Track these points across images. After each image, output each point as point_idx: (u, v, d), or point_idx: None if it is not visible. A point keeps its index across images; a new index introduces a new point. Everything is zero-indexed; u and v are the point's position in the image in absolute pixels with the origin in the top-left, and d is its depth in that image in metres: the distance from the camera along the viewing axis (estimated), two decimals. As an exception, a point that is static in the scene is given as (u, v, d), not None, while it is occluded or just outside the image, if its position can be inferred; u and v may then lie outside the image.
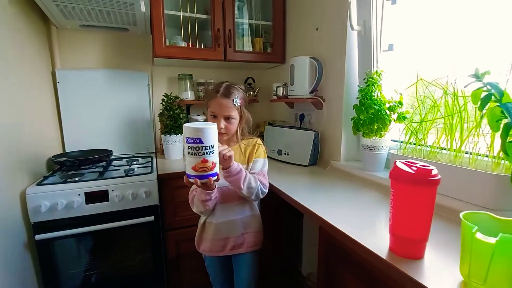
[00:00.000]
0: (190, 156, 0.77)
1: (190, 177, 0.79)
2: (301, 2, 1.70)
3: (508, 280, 0.45)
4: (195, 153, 0.76)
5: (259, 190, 1.00)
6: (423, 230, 0.61)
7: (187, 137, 0.76)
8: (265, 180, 1.05)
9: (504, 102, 0.69)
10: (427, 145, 1.01)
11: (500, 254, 0.45)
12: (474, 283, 0.49)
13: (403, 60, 1.26)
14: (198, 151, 0.76)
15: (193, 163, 0.77)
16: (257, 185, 0.99)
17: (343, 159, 1.43)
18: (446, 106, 0.93)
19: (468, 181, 0.82)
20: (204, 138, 0.75)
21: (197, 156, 0.76)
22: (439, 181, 0.58)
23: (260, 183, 1.01)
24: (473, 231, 0.47)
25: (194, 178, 0.79)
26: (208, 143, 0.76)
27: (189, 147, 0.76)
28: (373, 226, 0.82)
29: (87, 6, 1.36)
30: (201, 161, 0.76)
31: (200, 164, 0.76)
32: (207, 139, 0.76)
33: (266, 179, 1.06)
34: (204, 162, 0.76)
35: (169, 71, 1.92)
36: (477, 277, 0.48)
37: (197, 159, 0.76)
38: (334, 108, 1.46)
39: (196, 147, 0.75)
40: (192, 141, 0.75)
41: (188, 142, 0.76)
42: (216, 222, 1.06)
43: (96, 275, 1.31)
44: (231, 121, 1.03)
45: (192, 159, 0.77)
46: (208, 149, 0.76)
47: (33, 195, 1.14)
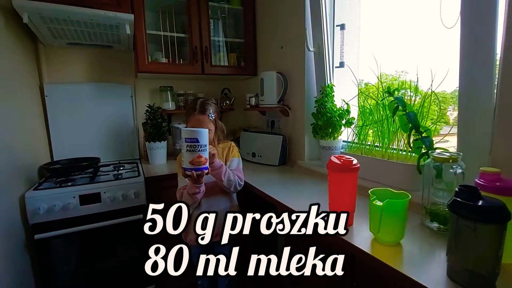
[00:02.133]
0: (188, 153, 0.97)
1: (187, 170, 1.00)
2: (268, 23, 1.95)
3: (390, 229, 0.71)
4: (192, 150, 0.97)
5: (236, 182, 1.23)
6: (350, 204, 0.86)
7: (186, 137, 0.96)
8: (241, 175, 1.29)
9: (408, 111, 0.97)
10: (366, 144, 1.28)
11: (385, 212, 0.69)
12: (374, 234, 0.73)
13: (351, 75, 1.54)
14: (195, 148, 0.96)
15: (190, 158, 0.97)
16: (235, 179, 1.22)
17: (307, 158, 1.68)
18: (378, 114, 1.21)
19: (392, 170, 1.09)
20: (200, 138, 0.97)
21: (194, 152, 0.97)
22: (359, 168, 0.83)
23: (238, 177, 1.24)
24: (371, 199, 0.72)
25: (191, 170, 0.99)
26: (203, 142, 0.98)
27: (187, 145, 0.96)
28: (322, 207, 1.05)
29: (76, 29, 1.52)
30: (197, 156, 0.97)
31: (196, 159, 0.97)
32: (202, 139, 0.97)
33: (242, 174, 1.30)
34: (199, 157, 0.98)
35: (151, 83, 2.09)
36: (375, 229, 0.72)
37: (194, 155, 0.97)
38: (298, 115, 1.71)
39: (194, 145, 0.96)
40: (190, 140, 0.96)
41: (187, 142, 0.96)
42: (201, 213, 1.25)
43: (90, 271, 1.44)
44: (210, 131, 1.23)
45: (190, 155, 0.97)
46: (203, 147, 0.98)
47: (32, 199, 1.27)
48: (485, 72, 0.87)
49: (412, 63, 1.12)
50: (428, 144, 0.92)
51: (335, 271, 0.84)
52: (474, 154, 0.90)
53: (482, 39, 0.86)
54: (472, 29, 0.88)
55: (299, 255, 1.00)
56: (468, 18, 0.89)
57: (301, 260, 0.99)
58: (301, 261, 0.99)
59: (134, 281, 1.54)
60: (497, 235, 0.53)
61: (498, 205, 0.53)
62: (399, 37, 1.29)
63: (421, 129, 0.94)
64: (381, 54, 1.29)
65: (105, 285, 1.48)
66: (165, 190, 1.59)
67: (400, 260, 0.69)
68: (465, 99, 0.92)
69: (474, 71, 0.89)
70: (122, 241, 1.50)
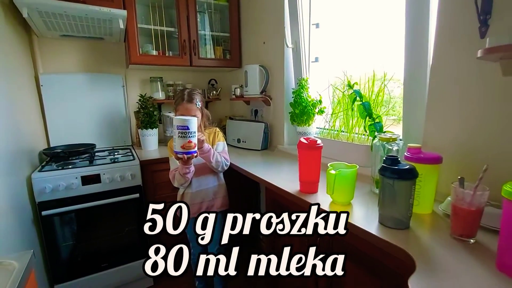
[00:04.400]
0: (179, 139, 1.13)
1: (179, 153, 1.16)
2: (252, 19, 2.11)
3: (341, 191, 0.93)
4: (183, 136, 1.12)
5: (223, 163, 1.43)
6: (316, 175, 1.07)
7: (178, 125, 1.11)
8: (227, 156, 1.49)
9: (364, 102, 1.18)
10: (335, 130, 1.49)
11: (338, 179, 0.91)
12: (330, 195, 0.95)
13: (326, 69, 1.74)
14: (186, 134, 1.12)
15: (182, 143, 1.13)
16: (222, 160, 1.41)
17: (286, 143, 1.89)
18: (344, 103, 1.42)
19: (354, 150, 1.31)
20: (190, 125, 1.12)
21: (185, 138, 1.12)
22: (322, 147, 1.04)
23: (224, 158, 1.43)
24: (328, 170, 0.93)
25: (182, 154, 1.15)
26: (193, 129, 1.13)
27: (179, 132, 1.12)
28: (295, 181, 1.26)
29: (71, 22, 1.62)
30: (187, 141, 1.13)
31: (187, 144, 1.13)
32: (192, 126, 1.13)
33: (227, 156, 1.50)
34: (189, 142, 1.14)
35: (141, 74, 2.21)
36: (330, 191, 0.94)
37: (185, 140, 1.13)
38: (278, 105, 1.91)
39: (184, 132, 1.12)
40: (181, 127, 1.11)
41: (179, 129, 1.12)
42: (191, 192, 1.45)
43: (91, 245, 1.60)
44: (197, 118, 1.40)
45: (181, 140, 1.13)
46: (193, 133, 1.14)
47: (38, 179, 1.41)
48: (420, 74, 1.09)
49: (372, 61, 1.34)
50: (378, 128, 1.14)
51: (335, 271, 0.88)
52: (414, 135, 1.14)
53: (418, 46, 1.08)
54: (411, 37, 1.10)
55: (299, 255, 1.06)
56: (409, 26, 1.10)
57: (301, 260, 1.06)
58: (301, 261, 1.06)
59: (131, 253, 1.72)
60: (408, 189, 0.75)
61: (409, 168, 0.75)
62: (363, 36, 1.49)
63: (374, 115, 1.16)
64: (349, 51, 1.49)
65: (106, 257, 1.65)
66: (158, 172, 1.76)
67: (350, 213, 0.91)
68: (408, 95, 1.15)
69: (412, 72, 1.11)
70: (120, 218, 1.67)
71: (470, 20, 0.87)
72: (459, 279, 0.58)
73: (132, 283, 1.74)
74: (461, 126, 0.93)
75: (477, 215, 0.69)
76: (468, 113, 0.91)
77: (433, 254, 0.67)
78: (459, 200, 0.70)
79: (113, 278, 1.66)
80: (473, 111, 0.90)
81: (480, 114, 0.88)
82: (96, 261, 1.61)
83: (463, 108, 0.92)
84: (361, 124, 1.34)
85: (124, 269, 1.68)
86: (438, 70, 0.98)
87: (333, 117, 1.50)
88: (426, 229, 0.79)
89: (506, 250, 0.59)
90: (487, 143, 0.87)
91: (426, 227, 0.81)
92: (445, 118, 0.97)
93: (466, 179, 0.73)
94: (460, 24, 0.90)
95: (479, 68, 0.87)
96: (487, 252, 0.67)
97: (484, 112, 0.87)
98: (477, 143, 0.89)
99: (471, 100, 0.90)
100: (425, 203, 0.87)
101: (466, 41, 0.89)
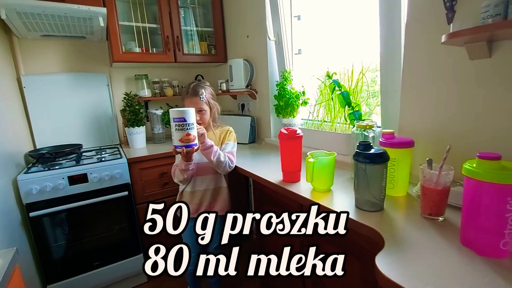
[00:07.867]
0: (177, 132, 1.05)
1: (178, 147, 1.08)
2: (234, 13, 2.11)
3: (321, 179, 0.95)
4: (181, 129, 1.05)
5: (227, 164, 1.30)
6: (297, 165, 1.10)
7: (174, 117, 1.04)
8: (233, 158, 1.35)
9: (343, 91, 1.20)
10: (318, 120, 1.52)
11: (316, 167, 0.94)
12: (310, 182, 0.98)
13: (309, 61, 1.76)
14: (183, 127, 1.05)
15: (180, 136, 1.06)
16: (225, 160, 1.29)
17: (272, 136, 1.91)
18: (326, 94, 1.44)
19: (336, 139, 1.34)
20: (187, 117, 1.05)
21: (182, 130, 1.05)
22: (302, 137, 1.07)
23: (229, 159, 1.32)
24: (307, 158, 0.96)
25: (181, 147, 1.07)
26: (190, 120, 1.06)
27: (176, 125, 1.04)
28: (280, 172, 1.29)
29: (50, 22, 1.60)
30: (185, 134, 1.06)
31: (185, 137, 1.06)
32: (189, 117, 1.05)
33: (234, 157, 1.36)
34: (188, 135, 1.06)
35: (126, 72, 2.20)
36: (309, 179, 0.97)
37: (183, 133, 1.05)
38: (264, 98, 1.92)
39: (182, 124, 1.04)
40: (178, 120, 1.04)
41: (175, 121, 1.04)
42: (191, 190, 1.40)
43: (81, 244, 1.61)
44: (202, 112, 1.34)
45: (179, 133, 1.05)
46: (190, 125, 1.06)
47: (24, 181, 1.40)
48: (394, 63, 1.11)
49: (352, 51, 1.36)
50: (357, 116, 1.16)
51: (335, 271, 0.86)
52: (392, 122, 1.17)
53: (391, 36, 1.10)
54: (385, 26, 1.12)
55: (299, 255, 1.05)
56: (382, 15, 1.13)
57: (301, 260, 1.05)
58: (301, 261, 1.05)
59: (123, 251, 1.73)
60: (380, 172, 0.78)
61: (380, 152, 0.78)
62: (343, 28, 1.51)
63: (353, 104, 1.19)
64: (331, 42, 1.51)
65: (98, 256, 1.66)
66: (146, 170, 1.76)
67: (329, 199, 0.94)
68: (384, 83, 1.17)
69: (387, 61, 1.14)
70: (110, 216, 1.67)
71: (438, 7, 0.89)
72: (424, 253, 0.62)
73: (125, 280, 1.75)
74: (432, 111, 0.96)
75: (444, 194, 0.72)
76: (438, 98, 0.94)
77: (403, 232, 0.70)
78: (426, 181, 0.73)
79: (106, 276, 1.67)
80: (442, 96, 0.93)
81: (449, 98, 0.91)
82: (88, 260, 1.62)
83: (433, 93, 0.95)
84: (342, 114, 1.37)
85: (116, 266, 1.69)
86: (410, 58, 1.01)
87: (316, 108, 1.52)
88: (399, 211, 0.83)
89: (467, 226, 0.63)
90: (454, 124, 0.90)
91: (400, 208, 0.84)
92: (418, 104, 1.00)
93: (436, 161, 0.76)
94: (429, 11, 0.93)
95: (448, 54, 0.90)
96: (453, 229, 0.70)
97: (453, 96, 0.90)
98: (446, 126, 0.92)
99: (441, 85, 0.93)
100: (399, 186, 0.91)
101: (434, 28, 0.91)
